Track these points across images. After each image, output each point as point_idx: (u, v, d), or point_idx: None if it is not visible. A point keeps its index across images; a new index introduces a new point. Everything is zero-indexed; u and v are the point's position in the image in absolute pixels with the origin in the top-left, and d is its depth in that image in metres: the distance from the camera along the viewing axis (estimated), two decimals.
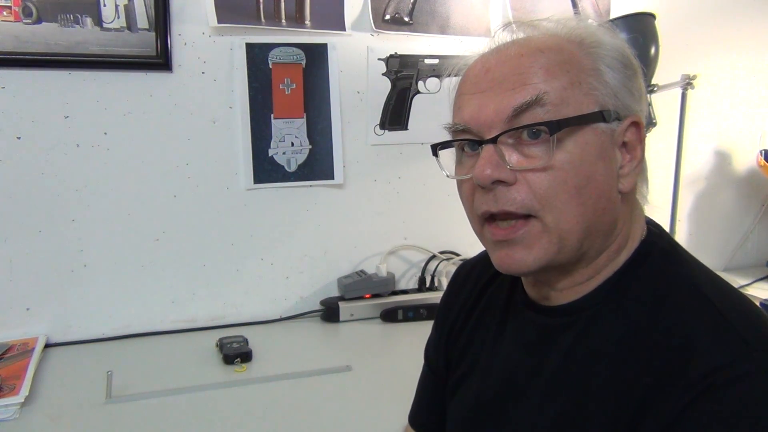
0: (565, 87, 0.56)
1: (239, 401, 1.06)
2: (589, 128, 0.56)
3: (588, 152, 0.56)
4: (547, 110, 0.55)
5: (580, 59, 0.57)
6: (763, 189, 1.89)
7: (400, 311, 1.44)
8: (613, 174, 0.57)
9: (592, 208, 0.56)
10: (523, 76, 0.56)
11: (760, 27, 1.81)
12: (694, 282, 0.57)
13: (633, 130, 0.58)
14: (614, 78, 0.57)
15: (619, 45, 0.59)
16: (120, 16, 1.26)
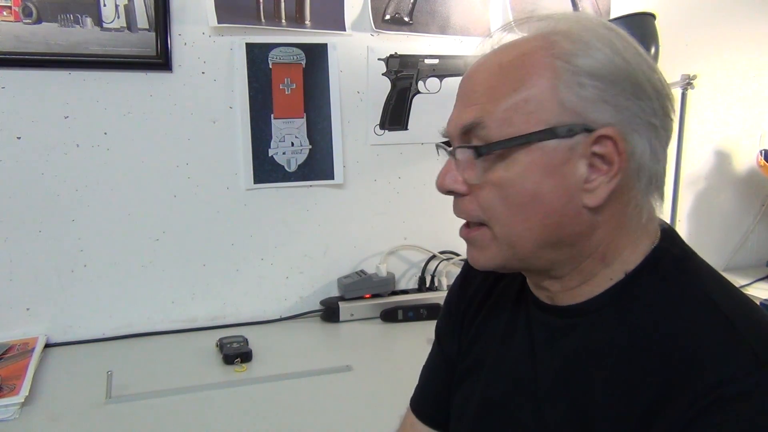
0: (507, 108, 0.57)
1: (239, 401, 1.06)
2: (535, 146, 0.56)
3: (531, 170, 0.56)
4: (488, 131, 0.57)
5: (538, 71, 0.56)
6: (763, 189, 1.89)
7: (400, 311, 1.44)
8: (569, 189, 0.57)
9: (541, 223, 0.58)
10: (475, 95, 0.60)
11: (760, 27, 1.81)
12: (704, 290, 0.56)
13: (607, 143, 0.55)
14: (582, 92, 0.55)
15: (607, 57, 0.56)
16: (120, 16, 1.26)
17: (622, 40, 0.57)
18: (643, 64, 0.56)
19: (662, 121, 0.57)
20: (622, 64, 0.55)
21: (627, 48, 0.56)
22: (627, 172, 0.56)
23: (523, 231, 0.59)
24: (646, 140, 0.56)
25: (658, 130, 0.57)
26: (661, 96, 0.57)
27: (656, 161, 0.57)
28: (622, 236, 0.60)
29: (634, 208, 0.59)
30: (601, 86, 0.55)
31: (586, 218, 0.58)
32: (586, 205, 0.57)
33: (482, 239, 0.62)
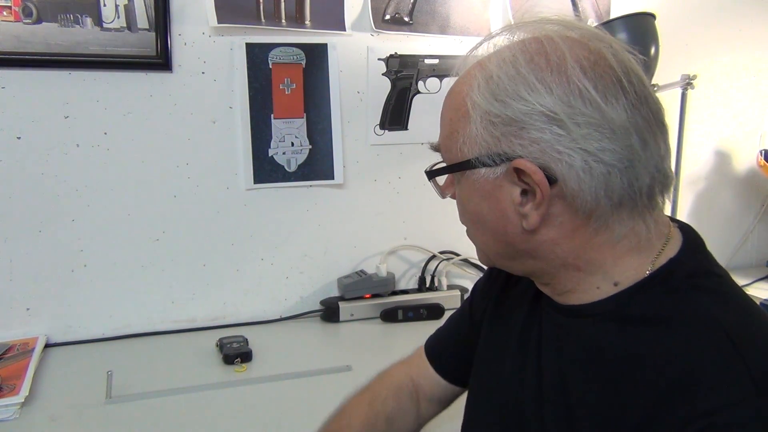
0: (447, 136, 0.63)
1: (239, 401, 1.06)
2: (468, 173, 0.61)
3: (471, 194, 0.62)
4: (442, 155, 0.66)
5: (461, 109, 0.61)
6: (763, 189, 1.89)
7: (400, 311, 1.44)
8: (505, 212, 0.60)
9: (493, 239, 0.64)
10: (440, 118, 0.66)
11: (761, 27, 1.81)
12: (714, 313, 0.54)
13: (524, 173, 0.56)
14: (493, 129, 0.58)
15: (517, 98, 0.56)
16: (120, 16, 1.26)
17: (544, 68, 0.56)
18: (570, 90, 0.55)
19: (600, 144, 0.55)
20: (535, 100, 0.56)
21: (543, 77, 0.56)
22: (563, 197, 0.57)
23: (482, 243, 0.66)
24: (579, 166, 0.55)
25: (595, 155, 0.55)
26: (592, 121, 0.55)
27: (603, 184, 0.56)
28: (593, 250, 0.60)
29: (598, 227, 0.58)
30: (508, 122, 0.57)
31: (531, 238, 0.60)
32: (524, 228, 0.59)
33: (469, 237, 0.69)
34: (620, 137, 0.55)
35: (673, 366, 0.52)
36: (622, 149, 0.56)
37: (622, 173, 0.56)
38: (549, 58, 0.57)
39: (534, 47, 0.58)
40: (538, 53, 0.57)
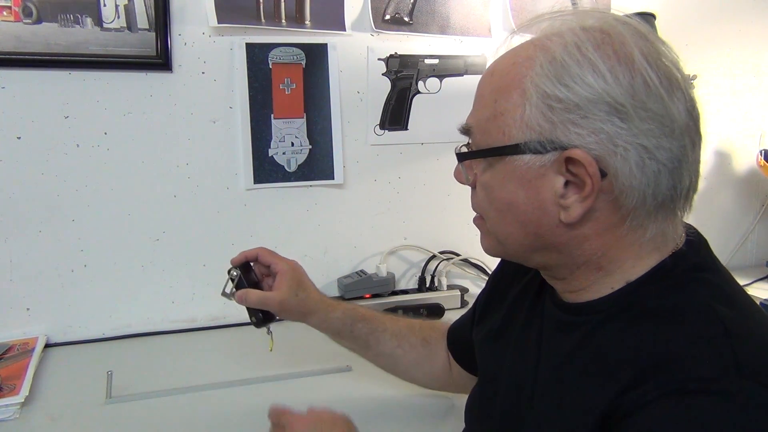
0: (488, 119, 0.60)
1: (239, 401, 1.06)
2: (509, 158, 0.58)
3: (507, 180, 0.59)
4: (474, 139, 0.63)
5: (514, 89, 0.58)
6: (763, 189, 1.89)
7: (400, 311, 1.44)
8: (543, 203, 0.58)
9: (521, 230, 0.61)
10: (475, 99, 0.64)
11: (761, 27, 1.81)
12: (711, 302, 0.55)
13: (577, 163, 0.55)
14: (550, 115, 0.55)
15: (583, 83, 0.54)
16: (120, 16, 1.26)
17: (611, 56, 0.55)
18: (635, 81, 0.54)
19: (658, 141, 0.54)
20: (599, 86, 0.54)
21: (611, 66, 0.54)
22: (611, 192, 0.56)
23: (506, 233, 0.62)
24: (633, 162, 0.54)
25: (651, 152, 0.54)
26: (655, 115, 0.54)
27: (653, 182, 0.55)
28: (620, 249, 0.59)
29: (633, 226, 0.58)
30: (570, 109, 0.54)
31: (564, 231, 0.58)
32: (561, 220, 0.58)
33: (481, 227, 0.67)
34: (678, 137, 0.55)
35: (663, 345, 0.53)
36: (677, 149, 0.55)
37: (670, 174, 0.56)
38: (615, 48, 0.55)
39: (599, 35, 0.56)
40: (604, 41, 0.56)
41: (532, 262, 0.65)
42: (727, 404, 0.47)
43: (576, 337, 0.61)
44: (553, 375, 0.63)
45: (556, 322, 0.65)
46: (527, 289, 0.75)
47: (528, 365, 0.67)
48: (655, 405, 0.48)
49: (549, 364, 0.64)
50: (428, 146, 1.55)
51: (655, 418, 0.48)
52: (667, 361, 0.51)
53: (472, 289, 1.57)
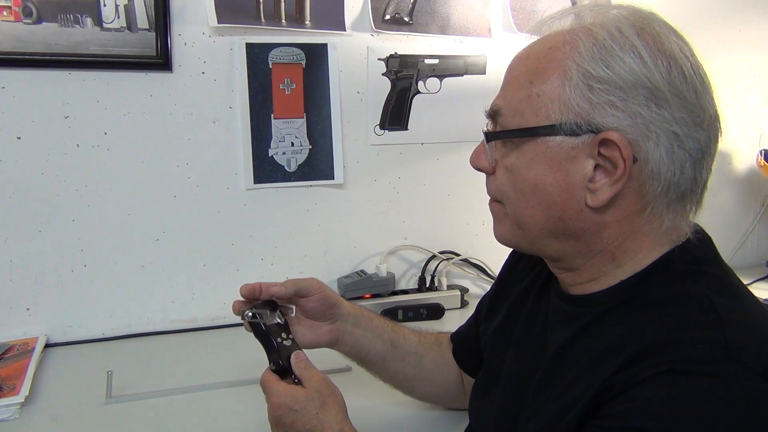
0: (522, 99, 0.60)
1: (239, 401, 1.06)
2: (540, 140, 0.58)
3: (536, 162, 0.59)
4: (504, 119, 0.62)
5: (554, 69, 0.58)
6: (763, 189, 1.89)
7: (400, 311, 1.44)
8: (571, 186, 0.58)
9: (544, 213, 0.60)
10: (505, 82, 0.64)
11: (760, 27, 1.81)
12: (707, 293, 0.56)
13: (611, 146, 0.56)
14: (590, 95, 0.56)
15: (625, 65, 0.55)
16: (120, 16, 1.26)
17: (652, 45, 0.56)
18: (672, 70, 0.56)
19: (688, 131, 0.55)
20: (641, 71, 0.55)
21: (653, 53, 0.56)
22: (638, 179, 0.56)
23: (528, 216, 0.62)
24: (664, 148, 0.55)
25: (681, 140, 0.55)
26: (688, 104, 0.56)
27: (679, 171, 0.56)
28: (636, 240, 0.60)
29: (652, 215, 0.59)
30: (610, 91, 0.55)
31: (588, 216, 0.59)
32: (587, 204, 0.58)
33: (498, 213, 0.66)
34: (706, 128, 0.57)
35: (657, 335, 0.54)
36: (704, 140, 0.57)
37: (693, 164, 0.57)
38: (655, 37, 0.57)
39: (640, 24, 0.58)
40: (644, 30, 0.57)
41: (548, 250, 0.64)
42: (714, 385, 0.48)
43: (575, 327, 0.62)
44: (552, 364, 0.64)
45: (559, 314, 0.66)
46: (533, 282, 0.76)
47: (530, 356, 0.68)
48: (647, 383, 0.50)
49: (549, 354, 0.65)
50: (428, 146, 1.55)
51: (645, 394, 0.50)
52: (660, 343, 0.52)
53: (472, 289, 1.57)
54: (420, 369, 0.92)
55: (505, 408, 0.70)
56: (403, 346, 0.91)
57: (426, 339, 0.95)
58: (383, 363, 0.90)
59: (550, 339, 0.66)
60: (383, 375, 0.92)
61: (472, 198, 1.56)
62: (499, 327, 0.79)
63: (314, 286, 0.84)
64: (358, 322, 0.88)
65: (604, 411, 0.53)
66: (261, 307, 0.82)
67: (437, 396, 0.96)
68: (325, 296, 0.84)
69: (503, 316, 0.79)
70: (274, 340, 0.80)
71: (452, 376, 0.94)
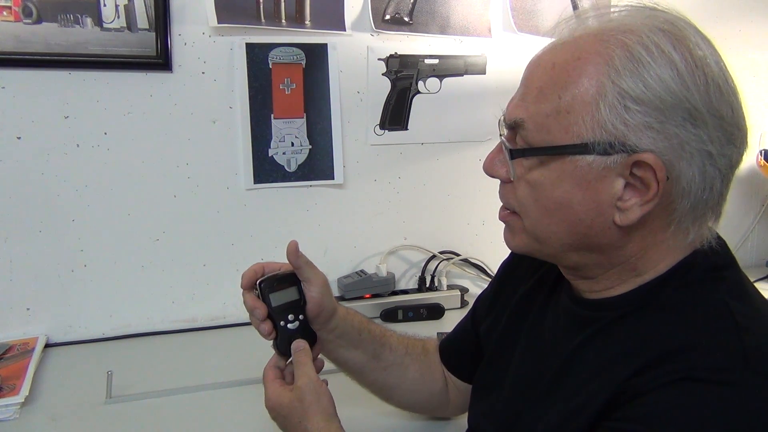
0: (548, 114, 0.56)
1: (239, 401, 1.06)
2: (569, 158, 0.55)
3: (563, 180, 0.56)
4: (526, 133, 0.58)
5: (586, 84, 0.54)
6: (763, 189, 1.89)
7: (400, 311, 1.44)
8: (600, 204, 0.56)
9: (568, 230, 0.58)
10: (526, 91, 0.59)
11: (760, 27, 1.81)
12: (724, 299, 0.55)
13: (645, 167, 0.53)
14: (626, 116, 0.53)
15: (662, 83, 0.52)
16: (120, 16, 1.26)
17: (689, 59, 0.53)
18: (709, 86, 0.53)
19: (721, 149, 0.54)
20: (679, 90, 0.52)
21: (691, 69, 0.53)
22: (668, 196, 0.55)
23: (549, 232, 0.59)
24: (696, 168, 0.53)
25: (714, 158, 0.54)
26: (725, 123, 0.54)
27: (708, 189, 0.55)
28: (659, 252, 0.59)
29: (678, 230, 0.57)
30: (648, 112, 0.52)
31: (614, 233, 0.57)
32: (615, 222, 0.56)
33: (514, 225, 0.63)
34: (738, 144, 0.55)
35: (674, 337, 0.53)
36: (735, 156, 0.55)
37: (722, 180, 0.56)
38: (691, 50, 0.53)
39: (674, 35, 0.54)
40: (680, 42, 0.53)
41: (566, 261, 0.62)
42: (731, 394, 0.48)
43: (590, 331, 0.62)
44: (564, 367, 0.63)
45: (571, 317, 0.65)
46: (540, 283, 0.74)
47: (539, 358, 0.67)
48: (664, 389, 0.49)
49: (560, 357, 0.64)
50: (428, 146, 1.55)
51: (662, 400, 0.49)
52: (677, 350, 0.51)
53: (472, 289, 1.57)
54: (402, 379, 0.89)
55: (511, 408, 0.70)
56: (387, 358, 0.89)
57: (413, 348, 0.92)
58: (361, 373, 0.89)
59: (562, 342, 0.65)
60: (361, 382, 0.91)
61: (472, 198, 1.56)
62: (505, 329, 0.78)
63: (316, 289, 0.81)
64: (343, 335, 0.86)
65: (617, 414, 0.52)
66: (272, 282, 0.80)
67: (418, 405, 0.94)
68: (322, 306, 0.81)
69: (508, 317, 0.78)
70: (276, 323, 0.78)
71: (436, 386, 0.91)
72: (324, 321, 0.83)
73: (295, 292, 0.80)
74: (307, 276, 0.81)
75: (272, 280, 0.80)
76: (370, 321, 0.92)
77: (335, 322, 0.85)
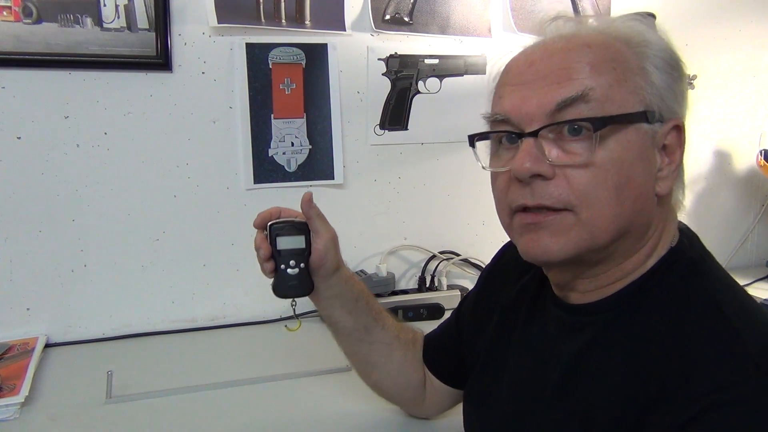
0: (611, 84, 0.56)
1: (239, 401, 1.06)
2: (632, 128, 0.56)
3: (629, 152, 0.56)
4: (591, 107, 0.55)
5: (627, 57, 0.57)
6: (763, 189, 1.89)
7: (400, 311, 1.44)
8: (651, 176, 0.57)
9: (630, 209, 0.56)
10: (569, 71, 0.56)
11: (760, 27, 1.81)
12: (715, 297, 0.55)
13: (674, 133, 0.58)
14: (660, 79, 0.57)
15: (666, 46, 0.59)
16: (120, 16, 1.26)
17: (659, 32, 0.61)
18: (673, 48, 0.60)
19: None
20: (675, 54, 0.59)
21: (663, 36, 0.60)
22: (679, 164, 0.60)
23: (612, 216, 0.56)
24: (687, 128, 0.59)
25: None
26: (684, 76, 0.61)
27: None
28: (664, 230, 0.61)
29: (675, 199, 0.61)
30: (670, 72, 0.58)
31: (653, 207, 0.59)
32: (657, 193, 0.58)
33: (561, 223, 0.57)
34: None
35: (678, 351, 0.53)
36: None
37: None
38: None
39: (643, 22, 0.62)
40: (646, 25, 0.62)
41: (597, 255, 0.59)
42: (755, 407, 0.48)
43: (586, 337, 0.61)
44: (567, 376, 0.62)
45: (561, 324, 0.65)
46: (524, 291, 0.74)
47: (534, 365, 0.67)
48: (693, 427, 0.48)
49: (559, 365, 0.63)
50: (428, 146, 1.55)
51: None
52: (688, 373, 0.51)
53: None
54: (385, 360, 0.90)
55: (513, 419, 0.69)
56: (377, 335, 0.89)
57: (405, 335, 0.93)
58: (348, 339, 0.90)
59: (556, 349, 0.64)
60: (346, 350, 0.92)
61: (472, 198, 1.55)
62: (493, 338, 0.77)
63: (322, 242, 0.81)
64: (339, 295, 0.87)
65: None
66: (282, 226, 0.81)
67: (393, 390, 0.94)
68: (323, 260, 0.81)
69: (495, 326, 0.77)
70: (277, 265, 0.81)
71: (415, 377, 0.91)
72: (324, 276, 0.84)
73: (302, 241, 0.81)
74: (316, 227, 0.81)
75: (282, 225, 0.81)
76: (371, 295, 0.92)
77: (334, 281, 0.85)
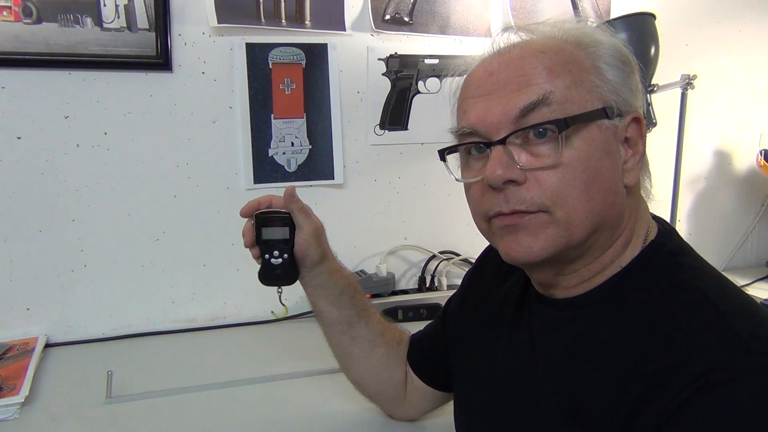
0: (568, 86, 0.58)
1: (239, 401, 1.06)
2: (594, 125, 0.58)
3: (594, 148, 0.58)
4: (553, 109, 0.57)
5: (580, 58, 0.60)
6: (763, 189, 1.89)
7: (400, 311, 1.44)
8: (618, 169, 0.60)
9: (601, 203, 0.59)
10: (527, 77, 0.58)
11: (760, 27, 1.81)
12: (697, 284, 0.57)
13: (634, 125, 0.60)
14: (614, 75, 0.60)
15: (616, 43, 0.61)
16: (120, 16, 1.26)
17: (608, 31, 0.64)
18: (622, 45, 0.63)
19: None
20: (624, 50, 0.61)
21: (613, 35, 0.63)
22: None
23: (585, 212, 0.58)
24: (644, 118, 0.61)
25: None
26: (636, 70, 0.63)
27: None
28: (637, 220, 0.63)
29: (642, 187, 0.64)
30: (622, 68, 0.60)
31: (623, 199, 0.61)
32: (626, 184, 0.60)
33: (538, 223, 0.58)
34: None
35: (668, 339, 0.54)
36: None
37: None
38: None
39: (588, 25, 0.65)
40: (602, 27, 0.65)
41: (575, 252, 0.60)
42: (749, 385, 0.48)
43: (572, 330, 0.62)
44: (552, 371, 0.63)
45: (547, 320, 0.66)
46: (511, 290, 0.74)
47: (524, 365, 0.67)
48: (688, 408, 0.49)
49: (546, 361, 0.64)
50: (428, 146, 1.55)
51: (693, 420, 0.49)
52: (680, 358, 0.52)
53: None
54: (367, 356, 0.90)
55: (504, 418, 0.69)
56: (359, 330, 0.89)
57: (390, 334, 0.93)
58: (330, 329, 0.91)
59: (543, 345, 0.65)
60: (329, 340, 0.93)
61: None
62: (482, 339, 0.77)
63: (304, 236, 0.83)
64: (322, 286, 0.88)
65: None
66: (267, 217, 0.84)
67: (373, 387, 0.94)
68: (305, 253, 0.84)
69: (483, 327, 0.77)
70: (262, 254, 0.86)
71: (396, 374, 0.91)
72: (308, 267, 0.86)
73: (286, 232, 0.84)
74: (299, 222, 0.84)
75: (268, 216, 0.85)
76: (359, 291, 0.91)
77: (318, 271, 0.87)
